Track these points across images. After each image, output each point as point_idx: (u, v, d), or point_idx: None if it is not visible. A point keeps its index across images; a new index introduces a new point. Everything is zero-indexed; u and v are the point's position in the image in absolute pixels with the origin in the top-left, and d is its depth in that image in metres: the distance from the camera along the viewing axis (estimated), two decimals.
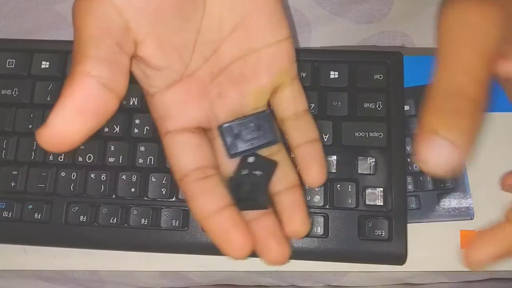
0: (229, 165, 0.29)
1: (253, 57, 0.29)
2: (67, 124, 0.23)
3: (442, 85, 0.20)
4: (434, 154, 0.19)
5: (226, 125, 0.29)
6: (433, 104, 0.20)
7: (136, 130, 0.37)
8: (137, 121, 0.37)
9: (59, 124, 0.22)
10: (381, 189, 0.36)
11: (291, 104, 0.30)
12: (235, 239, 0.26)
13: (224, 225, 0.26)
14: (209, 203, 0.27)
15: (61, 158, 0.37)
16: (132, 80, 0.38)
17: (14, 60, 0.39)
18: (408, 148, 0.37)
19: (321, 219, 0.35)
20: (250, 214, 0.28)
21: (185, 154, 0.28)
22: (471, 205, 0.38)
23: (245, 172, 0.28)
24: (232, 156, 0.29)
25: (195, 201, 0.27)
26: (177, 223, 0.36)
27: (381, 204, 0.36)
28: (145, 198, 0.36)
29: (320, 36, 0.43)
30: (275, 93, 0.30)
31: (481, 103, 0.20)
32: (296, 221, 0.28)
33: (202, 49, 0.28)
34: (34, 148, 0.37)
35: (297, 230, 0.28)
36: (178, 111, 0.28)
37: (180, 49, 0.27)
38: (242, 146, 0.29)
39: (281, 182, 0.29)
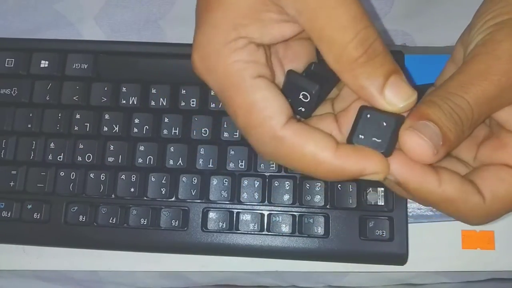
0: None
1: None
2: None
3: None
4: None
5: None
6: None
7: (135, 130, 0.37)
8: (136, 121, 0.37)
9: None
10: (382, 189, 0.35)
11: None
12: None
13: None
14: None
15: (60, 158, 0.37)
16: (132, 80, 0.38)
17: (13, 59, 0.39)
18: None
19: (321, 219, 0.35)
20: None
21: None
22: None
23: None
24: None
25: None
26: (176, 223, 0.36)
27: (382, 204, 0.35)
28: (145, 198, 0.36)
29: None
30: None
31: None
32: None
33: None
34: (33, 147, 0.37)
35: None
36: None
37: None
38: None
39: None
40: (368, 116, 0.24)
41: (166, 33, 0.43)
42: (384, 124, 0.23)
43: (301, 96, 0.26)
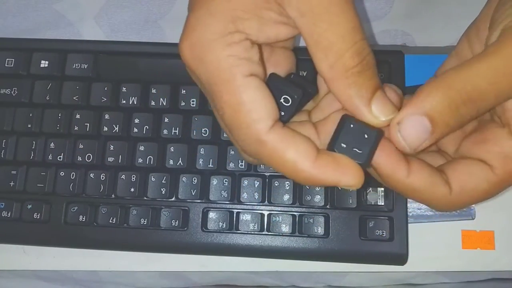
0: None
1: None
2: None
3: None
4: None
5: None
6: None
7: (135, 130, 0.37)
8: (136, 121, 0.37)
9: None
10: (382, 189, 0.35)
11: None
12: None
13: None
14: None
15: (60, 158, 0.37)
16: (132, 80, 0.38)
17: (13, 59, 0.39)
18: None
19: (322, 219, 0.35)
20: None
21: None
22: (473, 205, 0.37)
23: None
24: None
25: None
26: (176, 223, 0.36)
27: (382, 204, 0.35)
28: (145, 198, 0.36)
29: None
30: None
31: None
32: None
33: None
34: (33, 147, 0.37)
35: None
36: None
37: None
38: None
39: None
40: (351, 126, 0.24)
41: (166, 33, 0.43)
42: (366, 136, 0.24)
43: (282, 100, 0.26)
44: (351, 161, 0.24)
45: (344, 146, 0.24)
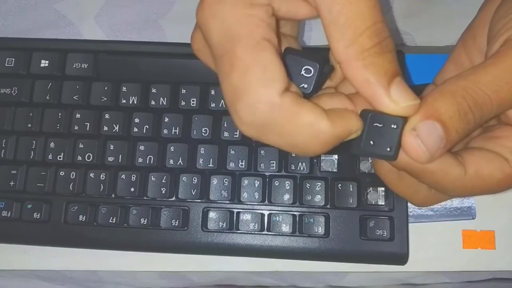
0: None
1: None
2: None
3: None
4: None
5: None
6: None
7: (135, 129, 0.37)
8: (136, 120, 0.37)
9: None
10: (383, 188, 0.35)
11: None
12: None
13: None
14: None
15: (60, 158, 0.37)
16: (132, 79, 0.38)
17: (13, 59, 0.39)
18: None
19: (322, 219, 0.35)
20: None
21: None
22: (473, 205, 0.37)
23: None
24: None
25: None
26: (176, 223, 0.36)
27: (383, 203, 0.35)
28: (145, 198, 0.36)
29: (321, 34, 0.42)
30: None
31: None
32: None
33: None
34: (33, 147, 0.37)
35: None
36: None
37: None
38: None
39: None
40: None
41: (166, 33, 0.43)
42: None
43: (303, 71, 0.24)
44: (349, 111, 0.23)
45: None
